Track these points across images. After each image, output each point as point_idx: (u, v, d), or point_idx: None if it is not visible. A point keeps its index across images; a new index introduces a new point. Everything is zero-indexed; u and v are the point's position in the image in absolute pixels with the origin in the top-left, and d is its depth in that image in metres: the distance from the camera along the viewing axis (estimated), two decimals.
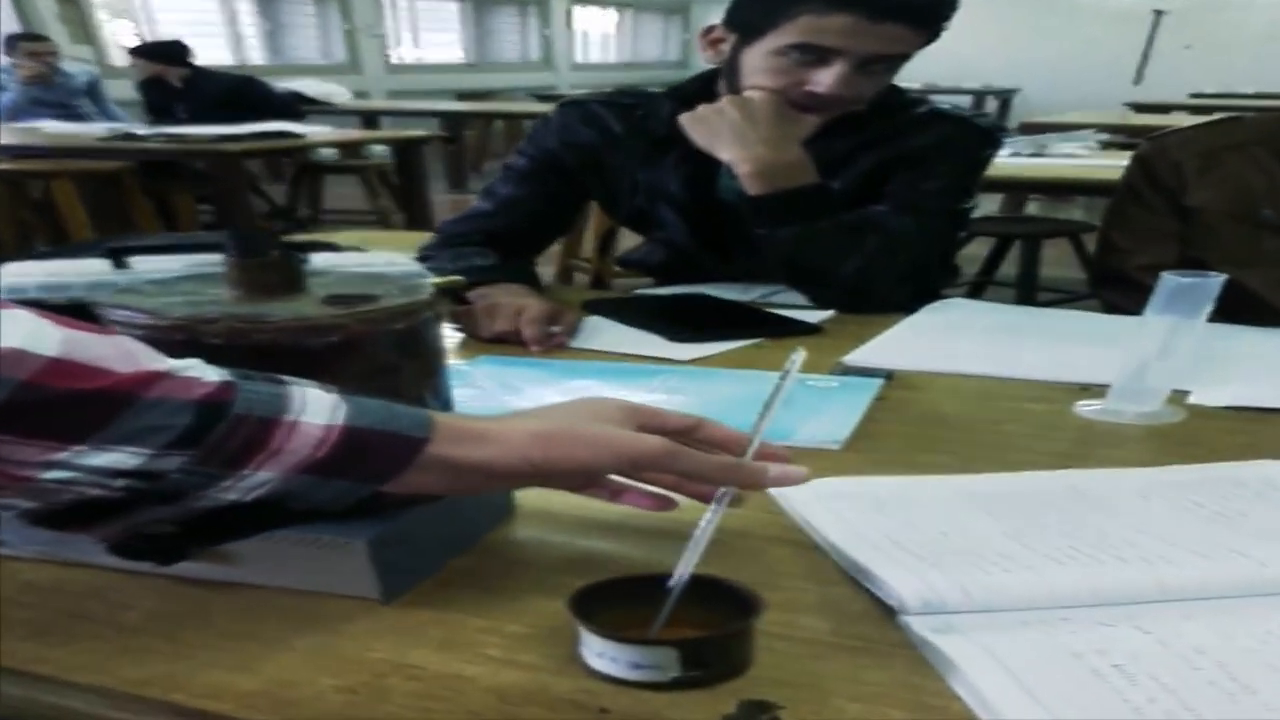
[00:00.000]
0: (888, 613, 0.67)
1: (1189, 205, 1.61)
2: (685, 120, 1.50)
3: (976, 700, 0.57)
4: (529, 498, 0.84)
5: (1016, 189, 3.89)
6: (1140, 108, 6.45)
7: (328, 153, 6.56)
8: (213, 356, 0.63)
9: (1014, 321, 1.43)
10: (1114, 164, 2.99)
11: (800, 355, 0.78)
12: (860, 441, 0.98)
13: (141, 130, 5.05)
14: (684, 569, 0.64)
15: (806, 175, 1.45)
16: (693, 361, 1.24)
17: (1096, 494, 0.83)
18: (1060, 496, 0.82)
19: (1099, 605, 0.66)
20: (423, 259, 1.53)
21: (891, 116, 1.54)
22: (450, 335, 1.39)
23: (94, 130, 5.33)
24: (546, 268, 1.85)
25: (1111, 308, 1.60)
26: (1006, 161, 3.13)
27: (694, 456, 0.70)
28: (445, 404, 0.81)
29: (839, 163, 1.53)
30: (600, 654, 0.61)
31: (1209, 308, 0.98)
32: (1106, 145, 3.88)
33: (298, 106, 6.64)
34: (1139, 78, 8.51)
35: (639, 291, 1.77)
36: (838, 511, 0.80)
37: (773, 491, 0.85)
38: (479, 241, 1.61)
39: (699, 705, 0.58)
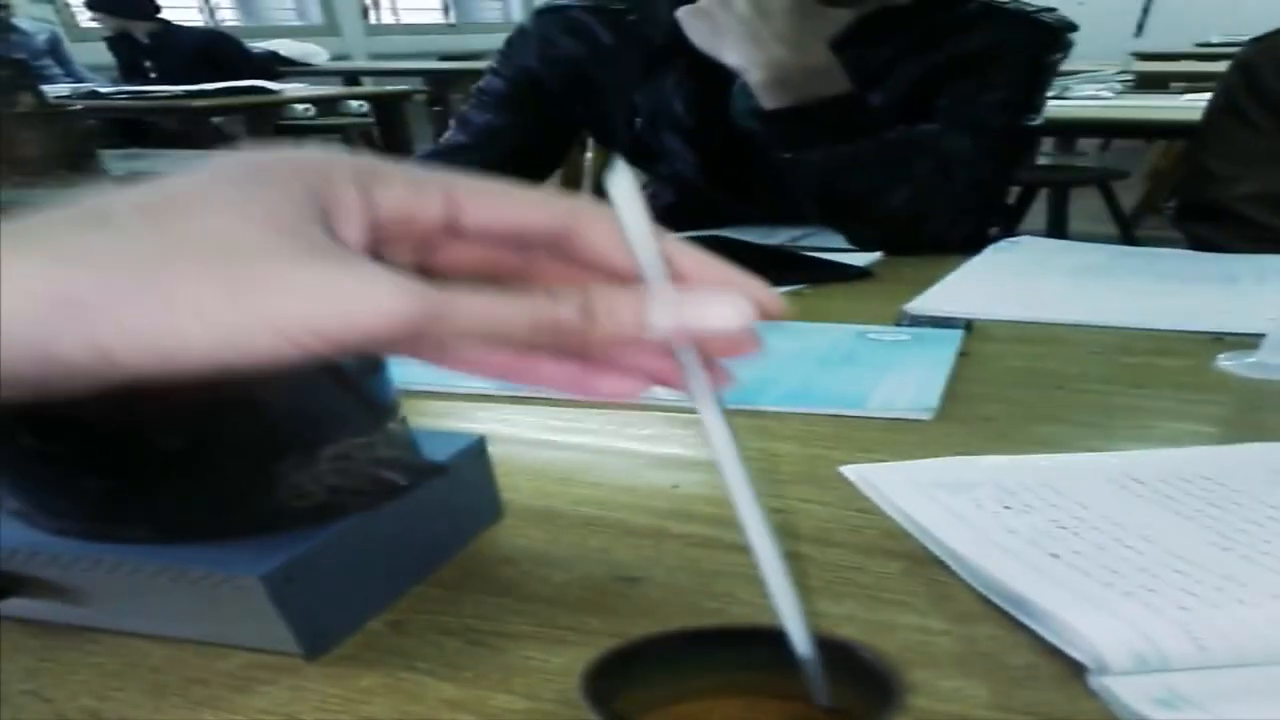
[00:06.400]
0: (1070, 668, 0.44)
1: None
2: (683, 15, 1.22)
3: None
4: (523, 490, 0.60)
5: (1055, 133, 3.62)
6: (1145, 56, 6.21)
7: (305, 112, 6.28)
8: None
9: (1104, 261, 1.19)
10: (1154, 104, 2.75)
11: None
12: (953, 409, 0.75)
13: (106, 89, 4.77)
14: (795, 625, 0.36)
15: (836, 83, 1.18)
16: None
17: None
18: (1259, 482, 0.59)
19: None
20: None
21: (938, 14, 1.27)
22: None
23: (57, 91, 5.04)
24: None
25: (1199, 244, 1.35)
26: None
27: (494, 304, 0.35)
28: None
29: (878, 73, 1.26)
30: None
31: None
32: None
33: (274, 67, 6.35)
34: (1140, 30, 8.24)
35: None
36: (954, 507, 0.57)
37: (855, 479, 0.62)
38: None
39: None
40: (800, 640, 0.35)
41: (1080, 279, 1.10)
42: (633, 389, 0.38)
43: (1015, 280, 1.09)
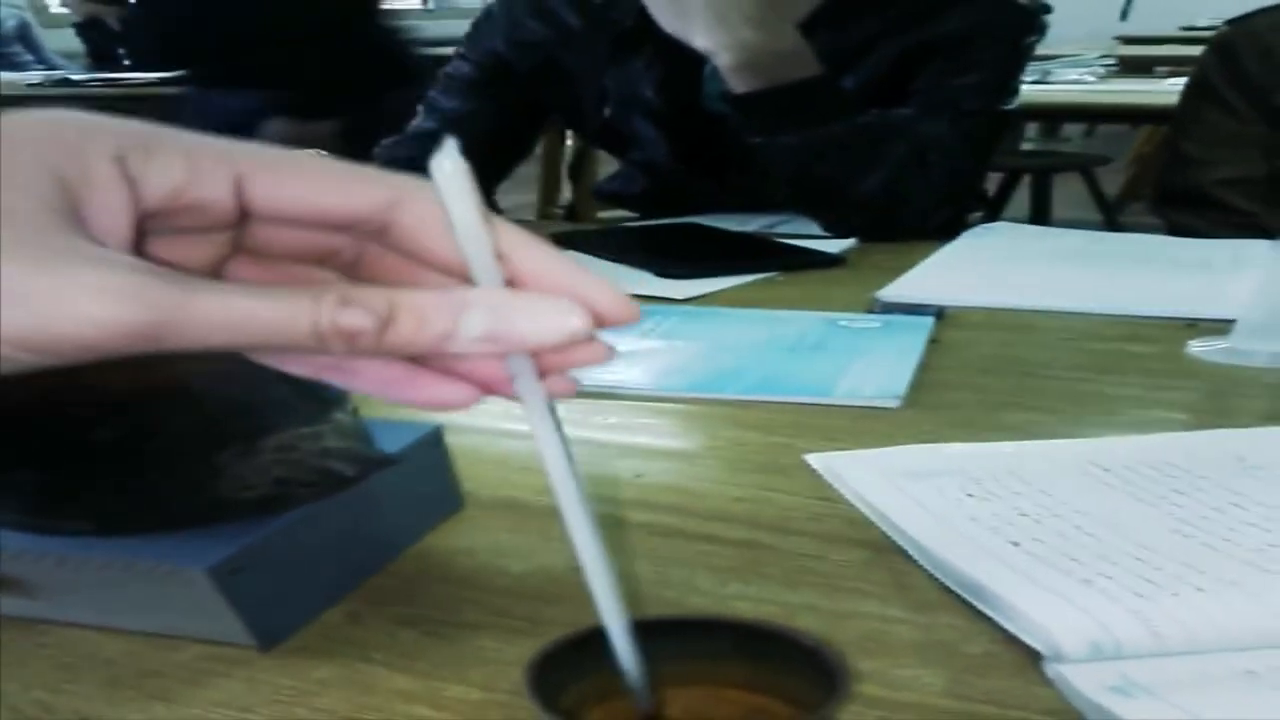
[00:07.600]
0: (1028, 656, 0.44)
1: None
2: None
3: None
4: (485, 480, 0.60)
5: (1038, 117, 3.61)
6: (1130, 40, 6.22)
7: None
8: None
9: (1080, 247, 1.19)
10: (1137, 89, 2.74)
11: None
12: (921, 396, 0.74)
13: (78, 76, 4.69)
14: (609, 613, 0.35)
15: (807, 66, 1.17)
16: (690, 300, 1.00)
17: (1273, 464, 0.59)
18: (1225, 469, 0.59)
19: None
20: None
21: None
22: None
23: (26, 78, 4.93)
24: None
25: (1178, 231, 1.35)
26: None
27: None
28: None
29: (851, 55, 1.25)
30: None
31: None
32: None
33: None
34: (1124, 14, 8.24)
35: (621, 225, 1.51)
36: (918, 495, 0.57)
37: (819, 468, 0.61)
38: (424, 168, 1.34)
39: None
40: (626, 655, 0.34)
41: (1054, 265, 1.10)
42: (462, 398, 0.34)
43: (989, 267, 1.09)
